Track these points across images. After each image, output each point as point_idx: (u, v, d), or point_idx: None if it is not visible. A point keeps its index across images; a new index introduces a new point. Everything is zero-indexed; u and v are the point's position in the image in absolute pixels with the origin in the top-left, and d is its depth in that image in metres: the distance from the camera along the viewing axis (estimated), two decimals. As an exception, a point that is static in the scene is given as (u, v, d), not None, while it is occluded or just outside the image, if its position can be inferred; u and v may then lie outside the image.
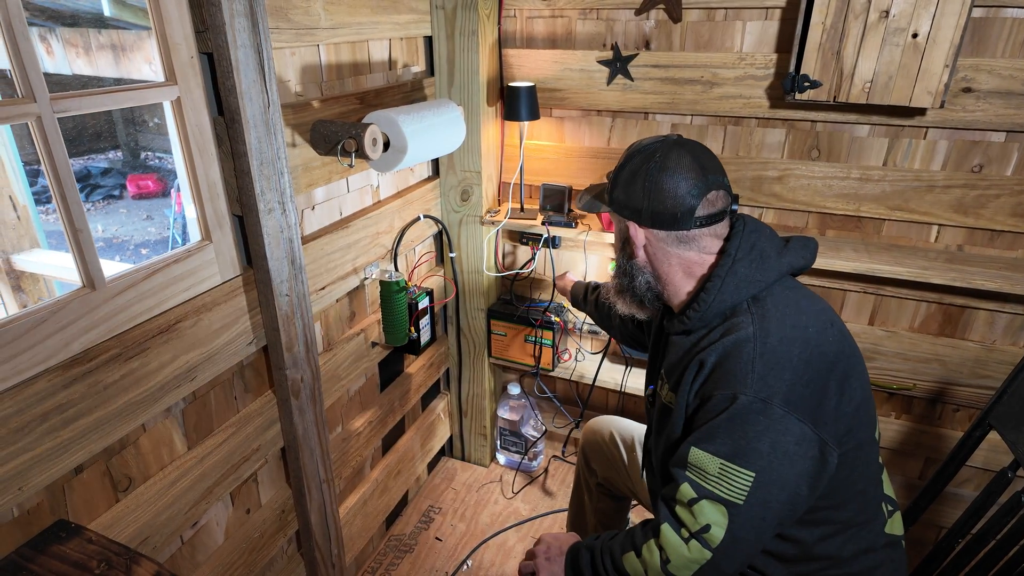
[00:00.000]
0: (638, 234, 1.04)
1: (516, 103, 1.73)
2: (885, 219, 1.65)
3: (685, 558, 0.89)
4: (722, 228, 1.02)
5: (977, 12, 1.40)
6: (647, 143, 1.03)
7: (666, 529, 0.91)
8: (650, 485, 1.23)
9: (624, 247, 1.09)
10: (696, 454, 0.90)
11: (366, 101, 1.46)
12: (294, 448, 1.37)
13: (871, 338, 1.72)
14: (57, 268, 1.72)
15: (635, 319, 1.38)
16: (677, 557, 0.89)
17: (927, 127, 1.54)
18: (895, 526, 1.06)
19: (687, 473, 0.91)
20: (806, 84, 1.49)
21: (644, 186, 1.00)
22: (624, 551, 0.97)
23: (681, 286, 1.05)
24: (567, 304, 2.00)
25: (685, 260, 1.03)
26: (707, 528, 0.88)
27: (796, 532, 0.97)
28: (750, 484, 0.86)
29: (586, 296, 1.61)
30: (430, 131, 1.43)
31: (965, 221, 1.57)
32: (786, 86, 1.51)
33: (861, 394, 0.96)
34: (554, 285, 1.82)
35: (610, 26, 1.74)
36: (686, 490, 0.90)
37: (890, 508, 1.07)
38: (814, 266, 1.55)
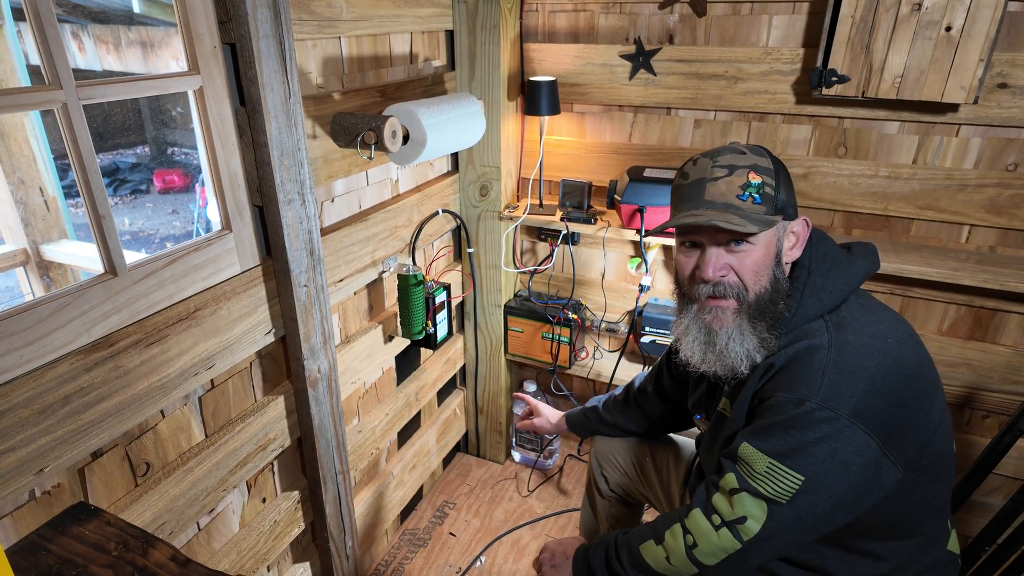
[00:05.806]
0: (806, 230, 0.96)
1: (537, 98, 1.72)
2: (914, 219, 1.61)
3: (714, 545, 0.88)
4: None
5: (1013, 6, 1.36)
6: (742, 146, 0.96)
7: (696, 514, 0.90)
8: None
9: (779, 257, 0.94)
10: (746, 449, 0.88)
11: (387, 94, 1.46)
12: (310, 439, 1.37)
13: (897, 341, 1.68)
14: (84, 259, 1.75)
15: (672, 394, 1.30)
16: (706, 543, 0.88)
17: (959, 124, 1.49)
18: (953, 543, 1.03)
19: (735, 466, 0.89)
20: (834, 79, 1.45)
21: (788, 179, 0.95)
22: (642, 540, 0.96)
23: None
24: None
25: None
26: (743, 520, 0.86)
27: (870, 545, 0.94)
28: (797, 487, 0.84)
29: (609, 408, 1.40)
30: (450, 125, 1.43)
31: (998, 221, 1.52)
32: (813, 81, 1.48)
33: (941, 407, 0.92)
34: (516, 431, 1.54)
35: (633, 20, 1.72)
36: (730, 479, 0.88)
37: (950, 523, 1.03)
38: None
